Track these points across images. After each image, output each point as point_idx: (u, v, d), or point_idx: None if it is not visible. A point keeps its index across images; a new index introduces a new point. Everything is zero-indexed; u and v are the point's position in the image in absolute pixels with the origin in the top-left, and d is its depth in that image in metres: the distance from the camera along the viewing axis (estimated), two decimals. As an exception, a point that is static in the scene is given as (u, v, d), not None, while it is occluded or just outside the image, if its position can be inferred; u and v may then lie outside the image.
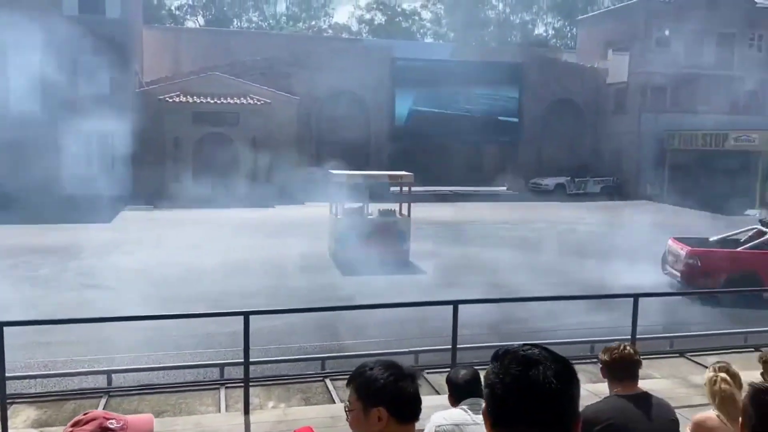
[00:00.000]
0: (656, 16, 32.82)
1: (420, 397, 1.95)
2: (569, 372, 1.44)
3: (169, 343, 9.14)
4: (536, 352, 1.46)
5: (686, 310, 11.77)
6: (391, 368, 1.97)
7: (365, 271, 14.14)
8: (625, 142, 33.65)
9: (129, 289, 12.34)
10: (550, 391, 1.38)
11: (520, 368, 1.41)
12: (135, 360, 8.33)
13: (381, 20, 64.38)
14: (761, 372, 3.70)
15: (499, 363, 1.45)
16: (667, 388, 7.03)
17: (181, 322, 9.65)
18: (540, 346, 1.50)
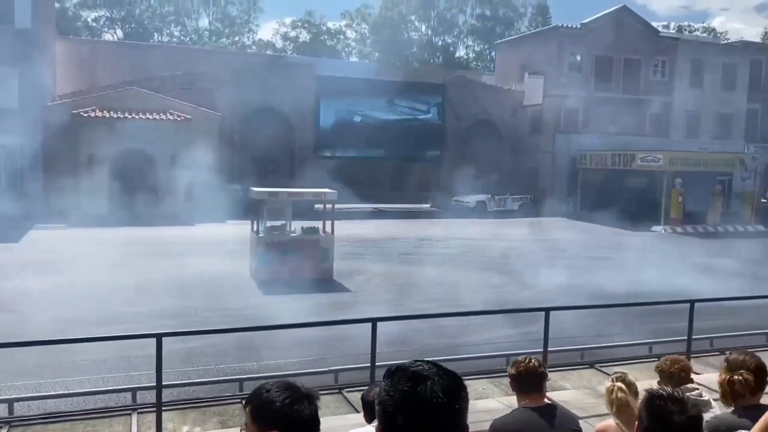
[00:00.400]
0: (568, 41, 34.45)
1: (318, 419, 1.90)
2: (457, 386, 1.51)
3: (78, 368, 8.74)
4: (425, 367, 1.51)
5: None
6: (288, 390, 1.93)
7: (288, 290, 14.01)
8: (541, 161, 34.98)
9: (36, 311, 11.73)
10: (437, 405, 1.43)
11: (409, 384, 1.46)
12: (40, 386, 7.91)
13: (306, 38, 64.47)
14: (657, 380, 3.94)
15: (389, 380, 1.49)
16: (576, 399, 7.33)
17: (92, 345, 9.25)
18: (430, 362, 1.55)
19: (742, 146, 35.26)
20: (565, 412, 3.89)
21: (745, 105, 37.95)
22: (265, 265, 15.05)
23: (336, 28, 66.10)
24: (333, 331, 10.58)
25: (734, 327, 11.39)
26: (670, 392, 2.39)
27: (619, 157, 31.25)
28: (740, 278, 17.84)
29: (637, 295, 14.92)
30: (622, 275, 17.62)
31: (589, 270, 18.22)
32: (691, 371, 4.09)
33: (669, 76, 36.29)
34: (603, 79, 34.86)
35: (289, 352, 9.80)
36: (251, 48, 60.35)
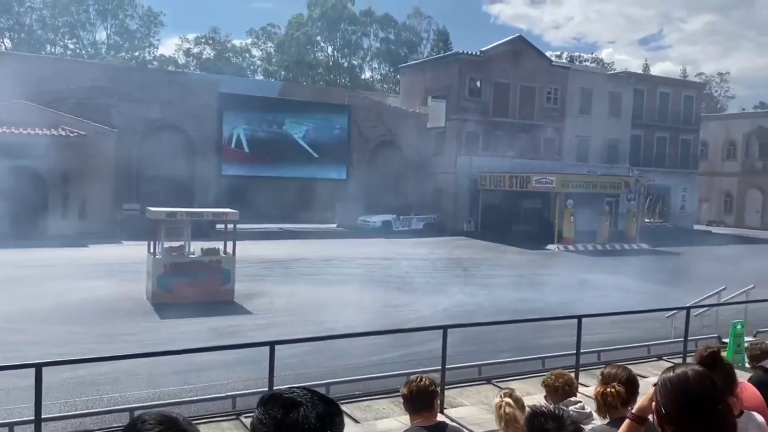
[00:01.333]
0: (468, 67, 35.78)
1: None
2: (330, 413, 1.53)
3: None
4: (299, 393, 1.54)
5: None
6: (163, 423, 1.88)
7: (186, 313, 13.58)
8: (444, 181, 35.94)
9: None
10: (309, 430, 1.46)
11: (282, 411, 1.47)
12: None
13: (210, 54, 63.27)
14: (544, 395, 4.07)
15: (262, 408, 1.51)
16: (473, 415, 7.54)
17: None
18: (305, 388, 1.57)
19: (627, 170, 37.79)
20: (456, 430, 3.99)
21: (629, 131, 40.77)
22: (162, 288, 14.52)
23: (242, 46, 65.37)
24: (231, 355, 10.35)
25: (620, 340, 12.10)
26: (551, 410, 2.51)
27: (516, 178, 32.67)
28: (626, 293, 19.03)
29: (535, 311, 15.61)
30: (519, 292, 18.36)
31: (489, 288, 18.84)
32: (575, 384, 4.28)
33: (561, 102, 38.42)
34: (501, 104, 36.41)
35: (185, 378, 9.49)
36: (152, 63, 58.48)
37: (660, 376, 1.97)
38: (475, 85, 36.10)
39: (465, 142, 35.55)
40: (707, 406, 1.86)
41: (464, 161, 35.25)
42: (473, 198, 35.21)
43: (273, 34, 64.34)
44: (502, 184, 33.51)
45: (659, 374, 2.00)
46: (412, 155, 37.02)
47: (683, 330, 10.21)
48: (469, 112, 35.55)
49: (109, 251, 22.92)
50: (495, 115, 36.08)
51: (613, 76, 43.38)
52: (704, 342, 11.57)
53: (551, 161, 37.18)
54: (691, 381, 1.88)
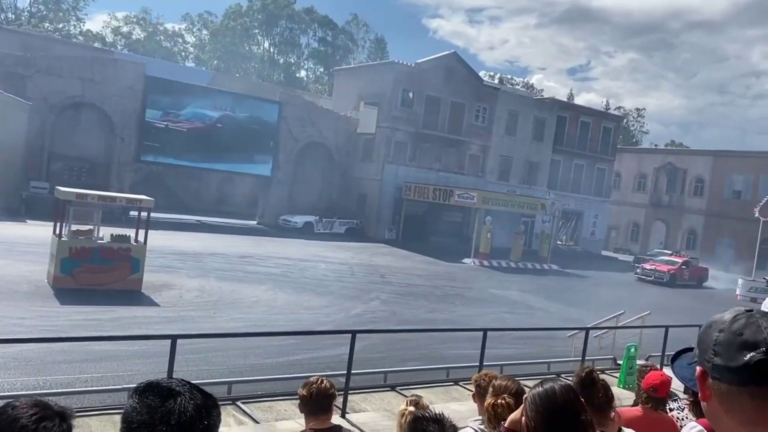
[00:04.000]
0: (403, 78, 36.18)
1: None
2: (207, 405, 1.51)
3: None
4: (177, 383, 1.50)
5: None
6: (36, 407, 1.83)
7: (89, 300, 13.05)
8: (369, 188, 36.11)
9: None
10: (185, 421, 1.42)
11: (158, 399, 1.44)
12: None
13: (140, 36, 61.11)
14: (473, 394, 4.10)
15: (138, 396, 1.46)
16: (374, 421, 7.61)
17: None
18: (183, 380, 1.55)
19: (545, 192, 39.21)
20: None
21: (550, 155, 42.35)
22: (65, 273, 13.86)
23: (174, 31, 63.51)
24: (132, 347, 10.02)
25: (522, 355, 12.51)
26: (432, 414, 2.60)
27: (439, 191, 33.27)
28: (533, 310, 19.74)
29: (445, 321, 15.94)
30: (432, 302, 18.69)
31: (404, 296, 19.07)
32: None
33: (488, 121, 39.42)
34: (431, 117, 36.99)
35: (80, 368, 9.10)
36: (77, 38, 55.85)
37: (529, 391, 2.08)
38: (408, 95, 36.52)
39: (393, 151, 35.88)
40: (571, 418, 1.97)
41: (391, 169, 35.57)
42: (396, 207, 35.57)
43: (209, 22, 62.92)
44: (426, 195, 34.04)
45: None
46: (339, 159, 37.01)
47: (582, 349, 10.68)
48: (400, 122, 35.92)
49: (10, 229, 21.64)
50: (425, 127, 36.61)
51: (540, 101, 44.95)
52: (600, 362, 12.18)
53: (474, 177, 38.07)
54: (557, 394, 1.99)
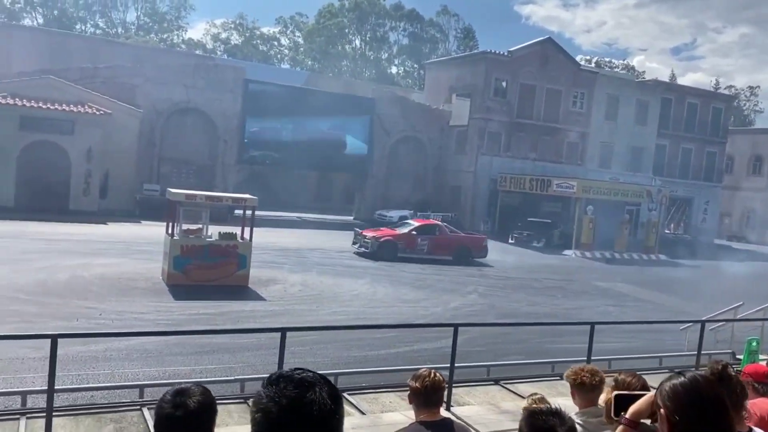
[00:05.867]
0: (495, 67, 35.58)
1: (179, 420, 1.94)
2: (338, 395, 1.54)
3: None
4: (310, 375, 1.53)
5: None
6: (172, 392, 2.01)
7: (200, 295, 13.71)
8: (463, 180, 35.82)
9: None
10: (326, 411, 1.45)
11: (297, 390, 1.46)
12: None
13: (237, 41, 63.58)
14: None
15: (273, 387, 1.48)
16: (478, 414, 7.52)
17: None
18: (311, 370, 1.58)
19: (650, 179, 37.37)
20: (462, 428, 3.96)
21: (654, 140, 40.29)
22: (177, 269, 14.64)
23: (269, 34, 65.59)
24: (242, 339, 10.44)
25: (632, 350, 11.99)
26: (549, 407, 2.52)
27: (536, 181, 32.44)
28: (641, 303, 18.87)
29: (547, 315, 15.54)
30: (532, 296, 18.28)
31: (502, 289, 18.78)
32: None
33: (587, 107, 38.06)
34: (526, 106, 36.19)
35: (195, 359, 9.58)
36: (180, 46, 58.91)
37: (665, 382, 1.94)
38: (501, 85, 35.90)
39: (487, 142, 35.39)
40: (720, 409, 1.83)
41: (485, 161, 35.10)
42: (492, 198, 35.05)
43: (301, 24, 64.49)
44: (523, 186, 33.30)
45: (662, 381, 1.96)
46: (432, 152, 36.95)
47: (696, 344, 10.07)
48: (493, 112, 35.38)
49: (127, 230, 23.18)
50: (519, 116, 35.87)
51: (642, 83, 42.87)
52: (717, 357, 11.45)
53: (573, 166, 36.89)
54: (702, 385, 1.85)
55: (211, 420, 2.04)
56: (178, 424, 1.95)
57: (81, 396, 7.26)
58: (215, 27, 64.59)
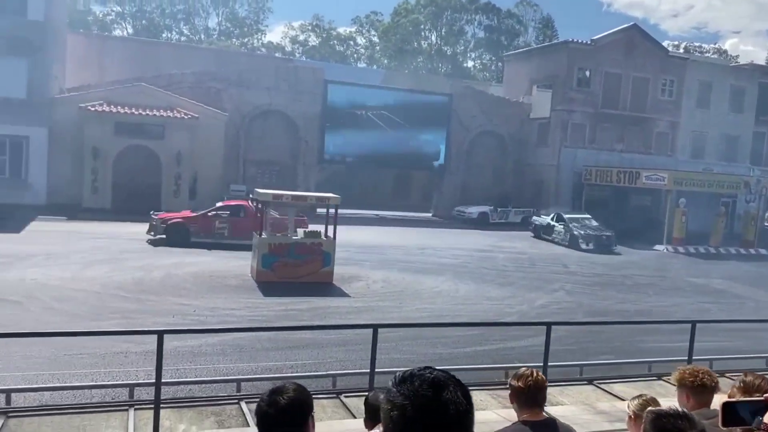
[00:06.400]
0: (578, 57, 34.52)
1: (272, 416, 2.10)
2: (469, 394, 1.53)
3: (75, 361, 8.73)
4: (442, 374, 1.52)
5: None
6: (268, 391, 2.23)
7: (287, 292, 14.02)
8: (545, 174, 34.98)
9: (36, 303, 11.73)
10: (462, 411, 1.45)
11: (431, 390, 1.46)
12: (37, 378, 7.89)
13: (315, 42, 64.68)
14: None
15: (406, 385, 1.48)
16: (573, 415, 7.29)
17: (90, 339, 9.27)
18: (441, 370, 1.56)
19: (748, 169, 35.24)
20: (567, 428, 3.84)
21: (752, 128, 37.93)
22: (266, 267, 15.06)
23: (346, 34, 66.33)
24: (329, 335, 10.58)
25: (734, 349, 11.35)
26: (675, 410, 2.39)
27: (624, 174, 31.23)
28: (741, 300, 17.83)
29: (638, 313, 14.94)
30: (622, 293, 17.62)
31: (590, 286, 18.20)
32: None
33: (677, 95, 36.33)
34: (611, 96, 34.93)
35: (286, 354, 9.78)
36: (260, 50, 60.54)
37: None
38: (584, 74, 34.79)
39: (570, 134, 34.41)
40: None
41: (568, 154, 34.14)
42: (576, 192, 34.02)
43: (376, 22, 64.87)
44: (609, 179, 32.14)
45: None
46: (512, 146, 36.30)
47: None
48: (576, 103, 34.35)
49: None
50: (604, 106, 34.66)
51: (737, 68, 40.44)
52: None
53: (663, 156, 35.31)
54: None
55: (304, 416, 2.17)
56: (272, 421, 2.12)
57: (180, 389, 7.54)
58: (293, 29, 66.01)
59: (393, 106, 33.66)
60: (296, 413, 2.16)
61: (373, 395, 3.56)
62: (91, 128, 26.06)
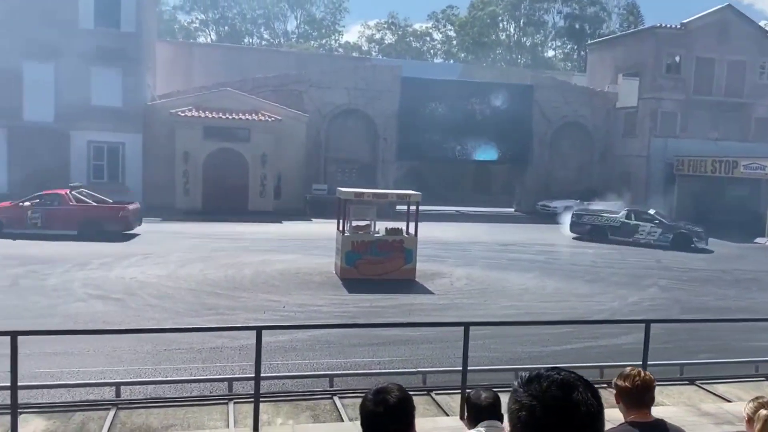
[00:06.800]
0: (667, 42, 32.98)
1: (381, 415, 2.16)
2: (599, 394, 1.50)
3: (174, 356, 9.14)
4: (571, 375, 1.49)
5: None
6: (373, 392, 2.28)
7: (371, 289, 14.14)
8: (634, 165, 33.64)
9: (136, 300, 12.37)
10: (593, 412, 1.43)
11: (561, 391, 1.44)
12: (143, 372, 8.32)
13: (391, 40, 64.91)
14: None
15: (536, 385, 1.47)
16: (677, 416, 6.95)
17: (189, 334, 9.68)
18: (567, 369, 1.53)
19: None
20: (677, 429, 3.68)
21: None
22: (349, 264, 15.24)
23: (422, 30, 66.19)
24: (416, 332, 10.57)
25: None
26: None
27: (720, 163, 29.54)
28: None
29: (740, 310, 14.12)
30: (721, 289, 16.70)
31: (685, 282, 17.37)
32: None
33: (776, 78, 34.04)
34: (703, 82, 33.13)
35: (373, 351, 9.86)
36: (337, 50, 61.39)
37: None
38: (674, 60, 33.17)
39: (660, 123, 32.90)
40: None
41: (658, 143, 32.65)
42: (667, 184, 32.48)
43: (452, 17, 64.37)
44: (704, 169, 30.48)
45: None
46: (597, 137, 35.13)
47: None
48: (666, 90, 32.80)
49: (299, 227, 24.59)
50: (696, 93, 32.92)
51: None
52: None
53: (763, 144, 33.18)
54: None
55: (410, 414, 2.25)
56: (381, 419, 2.17)
57: (274, 384, 7.74)
58: (369, 28, 66.50)
59: (473, 100, 33.29)
60: (404, 412, 2.23)
61: (475, 393, 3.52)
62: (181, 133, 27.25)
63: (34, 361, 8.00)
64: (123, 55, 27.22)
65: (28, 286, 13.23)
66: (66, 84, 26.46)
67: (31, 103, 26.40)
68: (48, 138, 26.20)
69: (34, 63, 26.22)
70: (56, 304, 11.89)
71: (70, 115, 26.33)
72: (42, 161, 25.71)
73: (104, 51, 26.82)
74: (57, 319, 10.73)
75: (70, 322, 10.50)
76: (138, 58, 27.86)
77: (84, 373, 8.05)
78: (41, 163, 25.67)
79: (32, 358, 7.92)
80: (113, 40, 27.16)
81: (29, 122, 26.24)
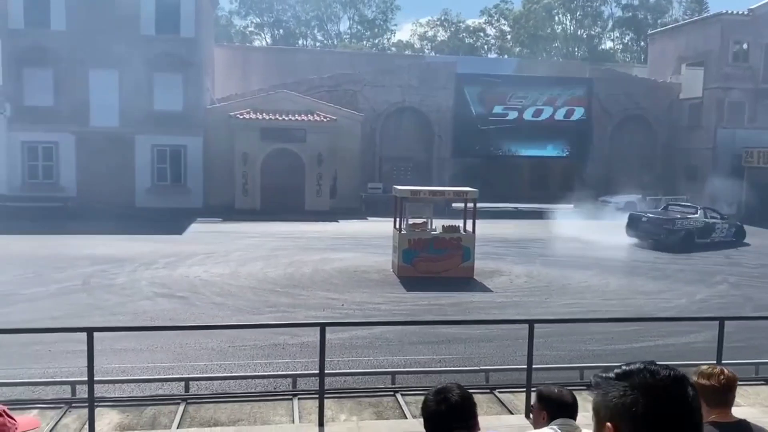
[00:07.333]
0: (733, 29, 31.65)
1: (443, 413, 2.24)
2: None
3: (239, 352, 9.32)
4: (675, 371, 1.46)
5: None
6: (434, 392, 2.39)
7: (429, 287, 14.08)
8: (699, 158, 32.43)
9: (200, 298, 12.69)
10: (699, 408, 1.42)
11: (679, 385, 1.42)
12: (210, 368, 8.52)
13: (443, 37, 64.54)
14: None
15: (649, 379, 1.43)
16: (754, 417, 6.59)
17: (252, 331, 9.86)
18: (669, 366, 1.49)
19: None
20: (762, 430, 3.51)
21: None
22: (406, 262, 15.23)
23: (475, 26, 65.56)
24: (475, 330, 10.47)
25: None
26: None
27: (794, 155, 28.14)
28: None
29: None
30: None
31: (759, 278, 16.63)
32: None
33: None
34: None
35: (433, 349, 9.81)
36: (390, 49, 61.44)
37: None
38: (741, 48, 31.82)
39: (727, 114, 31.61)
40: None
41: (726, 135, 31.35)
42: (735, 177, 31.16)
43: (506, 11, 63.52)
44: (774, 160, 29.13)
45: None
46: (660, 130, 34.01)
47: None
48: (733, 80, 31.48)
49: (356, 226, 24.73)
50: (765, 81, 31.47)
51: None
52: None
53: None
54: None
55: (472, 411, 2.32)
56: (444, 418, 2.25)
57: (336, 380, 7.80)
58: (421, 26, 66.30)
59: (529, 95, 32.76)
60: (466, 410, 2.31)
61: (547, 389, 3.44)
62: (240, 135, 27.82)
63: (106, 357, 8.29)
64: (183, 61, 27.99)
65: (98, 285, 13.74)
66: (129, 90, 27.40)
67: (97, 109, 27.47)
68: (113, 142, 27.20)
69: (99, 70, 27.26)
70: (125, 302, 12.32)
71: (134, 120, 27.27)
72: (108, 165, 26.74)
73: (165, 57, 27.65)
74: (127, 317, 11.12)
75: (138, 320, 10.87)
76: (197, 62, 28.59)
77: (154, 369, 8.31)
78: (107, 167, 26.69)
79: (104, 354, 8.22)
80: (174, 46, 27.96)
81: (95, 128, 27.31)
